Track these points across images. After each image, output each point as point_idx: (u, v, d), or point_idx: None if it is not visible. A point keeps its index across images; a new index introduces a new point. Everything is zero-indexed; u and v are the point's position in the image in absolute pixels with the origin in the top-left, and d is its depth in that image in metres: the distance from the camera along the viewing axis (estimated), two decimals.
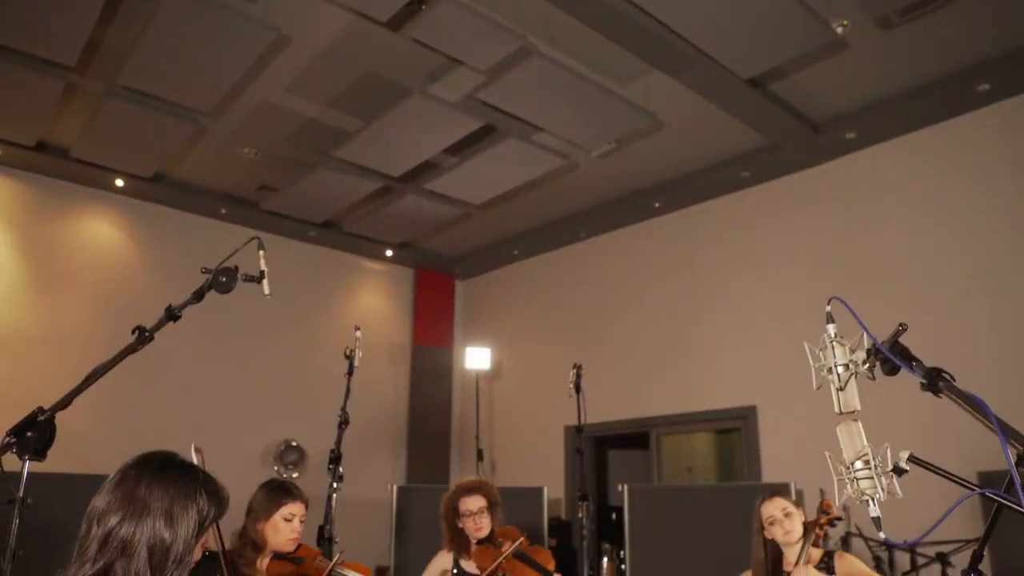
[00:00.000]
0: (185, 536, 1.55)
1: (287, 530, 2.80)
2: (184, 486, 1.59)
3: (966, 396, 1.36)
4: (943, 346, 5.58)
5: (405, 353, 9.25)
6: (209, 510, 1.61)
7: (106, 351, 7.73)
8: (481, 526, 3.56)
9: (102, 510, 1.54)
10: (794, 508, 3.15)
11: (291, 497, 2.84)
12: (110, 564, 1.49)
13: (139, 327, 2.16)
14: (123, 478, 1.59)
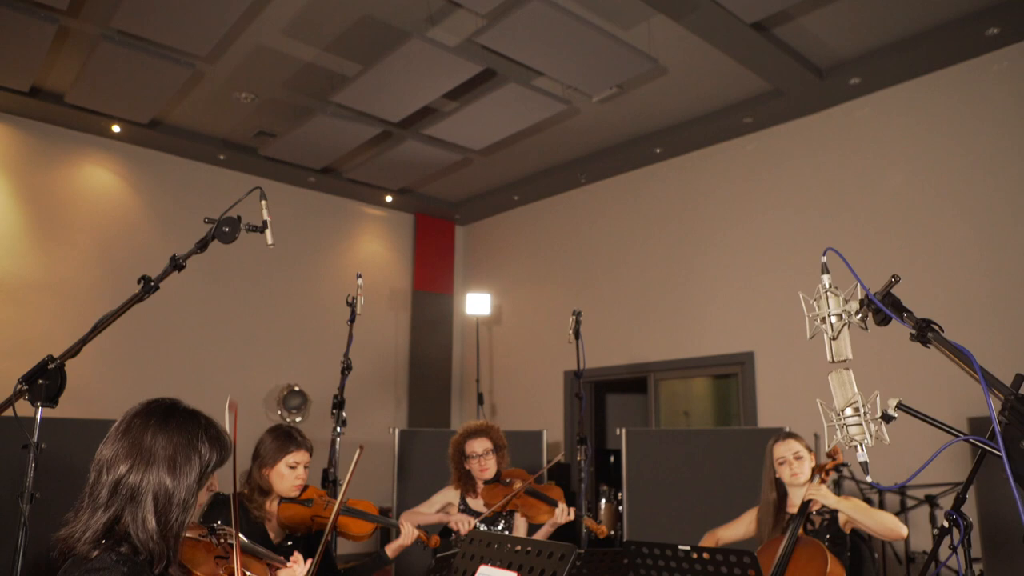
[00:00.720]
0: (188, 483, 1.60)
1: (291, 477, 2.87)
2: (187, 434, 1.63)
3: (953, 347, 1.39)
4: (939, 297, 5.64)
5: (405, 299, 9.31)
6: (211, 456, 1.66)
7: (107, 297, 7.86)
8: (487, 467, 3.67)
9: (110, 459, 1.59)
10: (806, 452, 3.22)
11: (295, 445, 2.90)
12: (120, 511, 1.55)
13: (144, 277, 2.18)
14: (128, 427, 1.63)
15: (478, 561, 2.03)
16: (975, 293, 5.57)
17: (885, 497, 5.69)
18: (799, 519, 3.05)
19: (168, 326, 7.27)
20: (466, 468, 3.71)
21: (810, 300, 1.79)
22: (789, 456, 3.21)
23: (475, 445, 3.69)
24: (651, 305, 7.70)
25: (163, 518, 1.57)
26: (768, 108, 6.60)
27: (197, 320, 7.57)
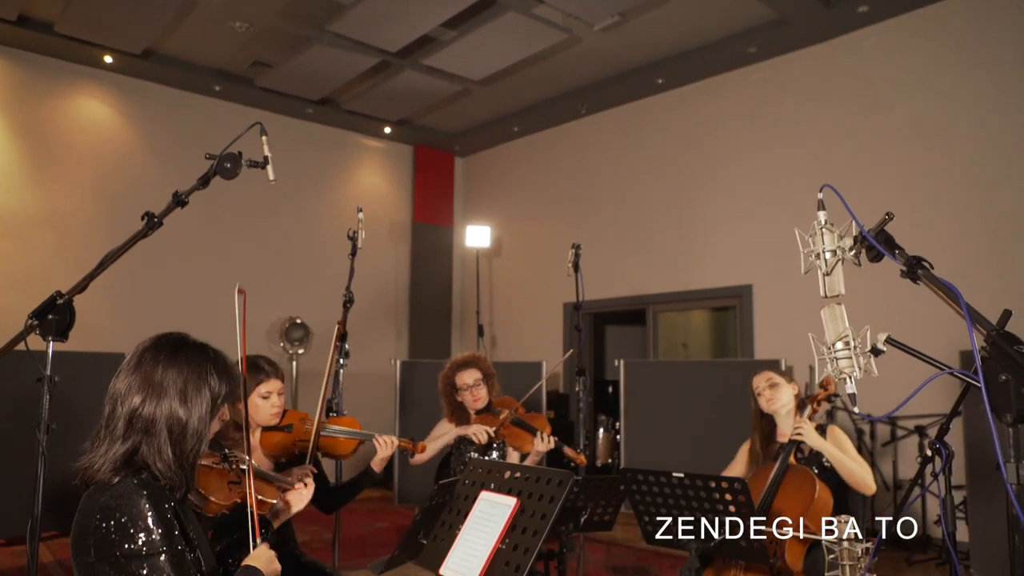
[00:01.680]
0: (200, 414, 1.67)
1: (266, 407, 2.85)
2: (197, 367, 1.69)
3: (941, 284, 1.43)
4: (940, 234, 5.65)
5: (405, 231, 9.32)
6: (221, 388, 1.72)
7: (107, 231, 7.86)
8: (479, 397, 3.74)
9: (124, 392, 1.65)
10: (780, 379, 3.30)
11: (265, 375, 2.85)
12: (138, 442, 1.62)
13: (148, 213, 2.20)
14: (140, 360, 1.68)
15: (479, 488, 2.11)
16: (978, 230, 5.59)
17: (876, 428, 5.83)
18: (789, 449, 3.14)
19: (171, 261, 7.31)
20: (458, 400, 3.77)
21: (805, 236, 1.82)
22: (763, 385, 3.29)
23: (465, 376, 3.74)
24: (651, 238, 7.71)
25: (178, 448, 1.63)
26: (773, 37, 6.48)
27: (200, 254, 7.60)
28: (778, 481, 3.07)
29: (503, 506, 1.97)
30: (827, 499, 3.00)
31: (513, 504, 1.95)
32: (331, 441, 3.02)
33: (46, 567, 4.93)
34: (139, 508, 1.52)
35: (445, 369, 3.84)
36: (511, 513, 1.93)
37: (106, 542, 1.50)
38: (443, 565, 1.99)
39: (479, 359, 3.84)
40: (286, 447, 2.90)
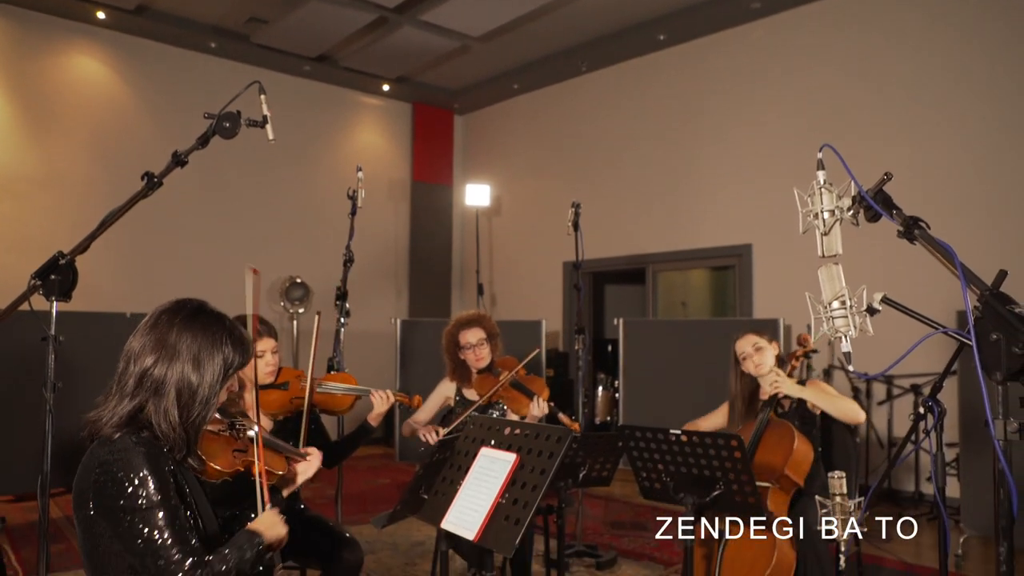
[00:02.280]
0: (211, 381, 1.68)
1: (260, 366, 2.89)
2: (212, 334, 1.70)
3: (937, 244, 1.44)
4: (945, 193, 5.64)
5: (404, 189, 9.29)
6: (234, 358, 1.72)
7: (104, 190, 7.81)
8: (481, 356, 3.72)
9: (138, 351, 1.67)
10: (765, 342, 3.34)
11: (256, 334, 2.84)
12: (145, 401, 1.64)
13: (148, 173, 2.20)
14: (156, 322, 1.70)
15: (479, 444, 2.15)
16: (979, 191, 5.57)
17: (872, 387, 5.89)
18: (769, 405, 3.21)
19: (171, 221, 7.29)
20: (460, 358, 3.76)
21: (804, 196, 1.83)
22: (749, 349, 3.33)
23: (468, 335, 3.72)
24: (651, 197, 7.69)
25: (185, 412, 1.65)
26: None
27: (199, 214, 7.59)
28: (759, 435, 3.15)
29: (503, 462, 2.01)
30: (806, 451, 3.08)
31: (513, 460, 1.98)
32: (328, 397, 3.06)
33: (55, 522, 5.02)
34: (136, 464, 1.55)
35: (449, 326, 3.82)
36: (511, 468, 1.97)
37: (103, 495, 1.54)
38: (444, 519, 2.04)
39: (484, 318, 3.81)
40: (284, 404, 2.94)
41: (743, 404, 3.39)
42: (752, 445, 3.13)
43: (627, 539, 4.95)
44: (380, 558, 4.43)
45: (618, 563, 4.41)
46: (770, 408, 3.21)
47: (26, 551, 4.38)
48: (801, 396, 3.18)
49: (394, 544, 4.74)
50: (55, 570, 3.99)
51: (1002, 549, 1.28)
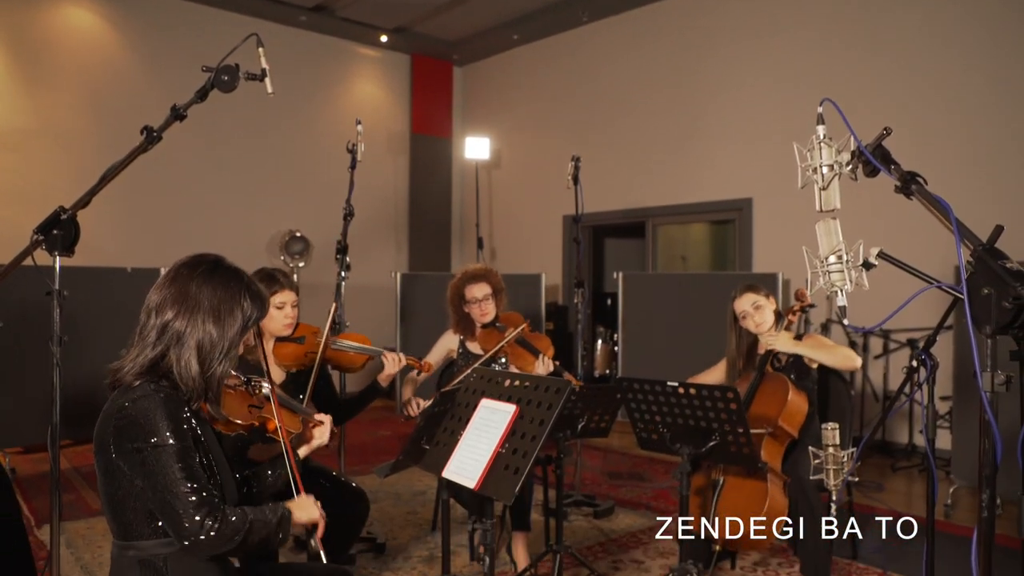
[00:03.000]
0: (231, 334, 1.72)
1: (280, 317, 2.95)
2: (231, 288, 1.73)
3: (933, 199, 1.45)
4: (948, 149, 5.61)
5: (403, 142, 9.23)
6: (252, 312, 1.76)
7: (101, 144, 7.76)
8: (486, 312, 3.74)
9: (158, 304, 1.70)
10: (764, 300, 3.36)
11: (279, 286, 2.94)
12: (166, 350, 1.68)
13: (147, 127, 2.19)
14: (176, 275, 1.73)
15: (479, 395, 2.19)
16: (981, 145, 5.54)
17: (869, 341, 5.94)
18: (765, 358, 3.26)
19: (170, 175, 7.26)
20: (465, 311, 3.77)
21: (803, 150, 1.83)
22: (749, 308, 3.35)
23: (475, 290, 3.72)
24: (651, 150, 7.65)
25: (205, 363, 1.69)
26: None
27: (199, 168, 7.55)
28: (754, 389, 3.21)
29: (503, 412, 2.05)
30: (800, 404, 3.13)
31: (513, 411, 2.02)
32: (341, 355, 3.11)
33: (64, 473, 5.12)
34: (153, 409, 1.59)
35: (456, 279, 3.81)
36: (511, 419, 2.01)
37: (122, 439, 1.59)
38: (445, 468, 2.09)
39: (490, 273, 3.79)
40: (298, 358, 2.99)
41: (742, 359, 3.43)
42: (748, 397, 3.18)
43: (625, 489, 5.05)
44: (383, 507, 4.53)
45: (615, 512, 4.51)
46: (767, 362, 3.26)
47: (36, 501, 4.47)
48: (796, 352, 3.21)
49: (396, 494, 4.83)
50: (66, 519, 4.08)
51: (984, 496, 1.32)
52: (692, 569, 2.87)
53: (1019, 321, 1.24)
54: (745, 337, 3.43)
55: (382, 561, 3.69)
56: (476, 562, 3.64)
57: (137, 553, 1.63)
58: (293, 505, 1.78)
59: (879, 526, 3.86)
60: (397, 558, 3.74)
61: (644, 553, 3.82)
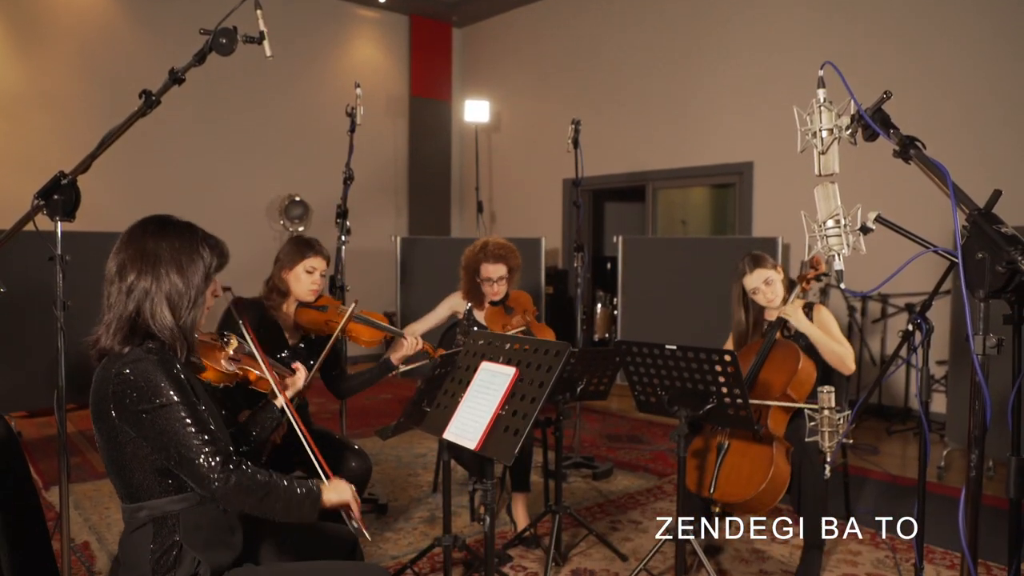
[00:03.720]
0: (196, 282, 1.73)
1: (308, 281, 3.03)
2: (186, 239, 1.75)
3: (931, 163, 1.45)
4: (953, 114, 5.56)
5: (403, 105, 9.16)
6: (212, 260, 1.78)
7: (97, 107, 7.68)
8: (498, 292, 3.73)
9: (118, 268, 1.71)
10: (774, 273, 3.34)
11: (314, 252, 3.04)
12: (138, 308, 1.69)
13: (145, 91, 2.18)
14: (130, 238, 1.73)
15: (480, 358, 2.21)
16: (984, 110, 5.50)
17: (868, 306, 5.96)
18: (776, 325, 3.26)
19: (169, 139, 7.23)
20: (476, 282, 3.76)
21: (804, 114, 1.83)
22: (760, 284, 3.34)
23: (491, 270, 3.68)
24: (652, 113, 7.59)
25: (176, 313, 1.71)
26: None
27: (198, 132, 7.51)
28: (765, 354, 3.20)
29: (503, 375, 2.07)
30: (810, 371, 3.14)
31: (512, 373, 2.05)
32: (360, 328, 3.14)
33: (70, 436, 5.18)
34: (150, 371, 1.62)
35: (475, 250, 3.75)
36: (511, 381, 2.03)
37: (123, 403, 1.61)
38: (446, 430, 2.12)
39: (511, 255, 3.73)
40: (318, 324, 3.05)
41: (750, 327, 3.43)
42: (757, 364, 3.19)
43: (623, 451, 5.11)
44: (384, 470, 4.59)
45: (614, 474, 4.57)
46: (777, 328, 3.25)
47: (43, 464, 4.53)
48: (807, 332, 3.21)
49: (398, 457, 4.90)
50: (72, 481, 4.14)
51: (973, 456, 1.35)
52: (691, 534, 2.92)
53: (1012, 285, 1.26)
54: (753, 310, 3.43)
55: (384, 522, 3.75)
56: (476, 522, 3.71)
57: (149, 512, 1.66)
58: (326, 487, 1.80)
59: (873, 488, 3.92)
60: (399, 519, 3.80)
61: (642, 514, 3.89)
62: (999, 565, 3.18)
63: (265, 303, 3.04)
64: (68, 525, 2.50)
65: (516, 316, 3.75)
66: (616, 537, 3.54)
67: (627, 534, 3.60)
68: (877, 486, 4.36)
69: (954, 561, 3.30)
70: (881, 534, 3.58)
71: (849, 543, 3.49)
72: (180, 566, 1.65)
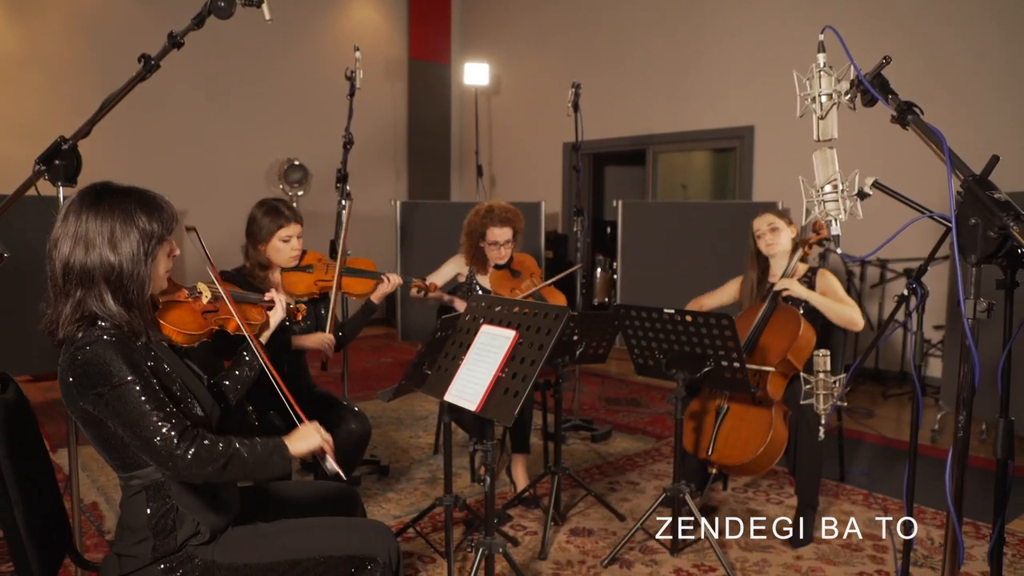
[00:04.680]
0: (131, 255, 1.65)
1: (287, 250, 3.00)
2: (121, 211, 1.66)
3: (928, 129, 1.46)
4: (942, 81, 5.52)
5: (402, 68, 9.07)
6: (152, 226, 1.68)
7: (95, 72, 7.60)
8: (504, 255, 3.73)
9: (54, 246, 1.66)
10: (782, 223, 3.37)
11: (285, 220, 2.97)
12: (83, 295, 1.64)
13: (144, 55, 2.17)
14: (67, 214, 1.67)
15: (480, 321, 2.24)
16: (989, 75, 5.46)
17: (866, 271, 5.98)
18: (777, 292, 3.28)
19: (169, 104, 7.17)
20: (480, 246, 3.75)
21: (803, 79, 1.83)
22: (764, 228, 3.37)
23: (497, 234, 3.67)
24: (653, 77, 7.53)
25: (119, 294, 1.65)
26: None
27: (197, 97, 7.45)
28: (765, 319, 3.23)
29: (503, 338, 2.10)
30: (810, 337, 3.17)
31: (512, 336, 2.08)
32: (351, 281, 3.16)
33: None
34: (102, 353, 1.58)
35: (481, 213, 3.74)
36: (511, 344, 2.06)
37: (83, 386, 1.59)
38: (447, 392, 2.15)
39: (517, 218, 3.72)
40: (308, 286, 3.06)
41: (753, 284, 3.46)
42: (758, 328, 3.22)
43: (622, 414, 5.18)
44: (386, 432, 4.66)
45: (612, 436, 4.64)
46: (778, 294, 3.28)
47: (49, 427, 4.59)
48: (808, 300, 3.23)
49: (399, 419, 4.96)
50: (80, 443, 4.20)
51: (961, 417, 1.38)
52: (685, 490, 2.98)
53: (1003, 251, 1.27)
54: (760, 259, 3.45)
55: (386, 483, 3.82)
56: (477, 483, 3.77)
57: (141, 481, 1.68)
58: (290, 439, 1.77)
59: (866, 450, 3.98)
60: (400, 480, 3.87)
61: (640, 475, 3.95)
62: (987, 524, 3.24)
63: (249, 278, 3.02)
64: (78, 485, 2.55)
65: (525, 280, 3.76)
66: (614, 498, 3.61)
67: (625, 495, 3.67)
68: (871, 449, 4.42)
69: (944, 521, 3.36)
70: (873, 495, 3.64)
71: (842, 503, 3.55)
72: (181, 527, 1.68)
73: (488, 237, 3.70)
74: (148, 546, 1.67)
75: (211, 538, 1.72)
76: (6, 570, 2.76)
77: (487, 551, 2.24)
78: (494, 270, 3.79)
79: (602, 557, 2.97)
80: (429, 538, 3.06)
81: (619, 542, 3.01)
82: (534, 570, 2.88)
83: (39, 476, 1.77)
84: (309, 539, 1.79)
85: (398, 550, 1.87)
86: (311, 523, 1.86)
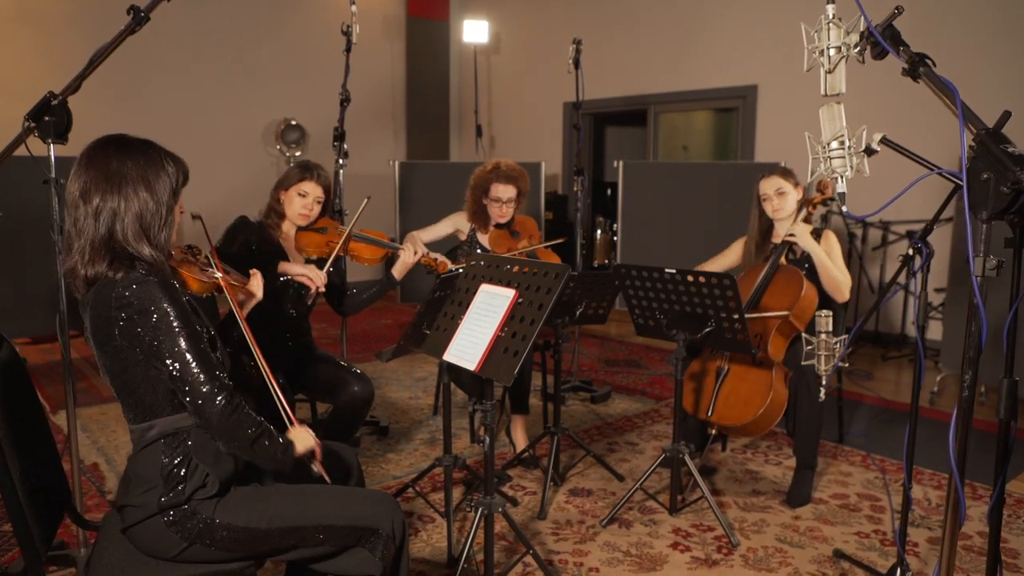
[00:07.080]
0: (165, 198, 1.69)
1: (299, 204, 3.04)
2: (149, 155, 1.70)
3: (940, 82, 1.42)
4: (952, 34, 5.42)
5: (400, 26, 8.91)
6: (177, 174, 1.73)
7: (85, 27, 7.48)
8: (505, 214, 3.69)
9: (81, 191, 1.65)
10: (789, 187, 3.31)
11: (309, 175, 3.05)
12: (109, 236, 1.64)
13: (133, 7, 2.11)
14: (90, 160, 1.67)
15: (479, 281, 2.21)
16: (997, 29, 5.36)
17: (869, 233, 5.94)
18: (781, 249, 3.25)
19: (162, 63, 7.05)
20: (483, 204, 3.71)
21: (811, 31, 1.78)
22: (771, 192, 3.32)
23: (501, 191, 3.64)
24: (655, 35, 7.40)
25: (149, 232, 1.68)
26: None
27: (190, 55, 7.32)
28: (768, 279, 3.20)
29: (503, 297, 2.07)
30: (813, 297, 3.14)
31: (512, 295, 2.05)
32: (361, 247, 3.15)
33: (73, 361, 5.23)
34: (154, 294, 1.59)
35: (486, 170, 3.71)
36: (510, 303, 2.04)
37: (129, 325, 1.59)
38: (446, 352, 2.13)
39: (522, 177, 3.70)
40: (319, 246, 3.10)
41: (756, 245, 3.43)
42: (761, 288, 3.19)
43: (621, 375, 5.18)
44: (385, 393, 4.66)
45: (612, 397, 4.64)
46: (782, 252, 3.25)
47: (49, 389, 4.59)
48: (813, 251, 3.19)
49: (399, 380, 4.96)
50: (79, 405, 4.21)
51: (967, 376, 1.36)
52: (684, 450, 2.99)
53: (1015, 207, 1.24)
54: (764, 220, 3.41)
55: (386, 443, 3.83)
56: (476, 444, 3.78)
57: (160, 430, 1.67)
58: (294, 437, 1.81)
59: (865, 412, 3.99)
60: (400, 440, 3.88)
61: (639, 436, 3.96)
62: (984, 485, 3.26)
63: (265, 222, 3.07)
64: (76, 446, 2.55)
65: (522, 240, 3.75)
66: (613, 458, 3.62)
67: (624, 455, 3.68)
68: (870, 410, 4.43)
69: (941, 482, 3.38)
70: (871, 456, 3.65)
71: (840, 464, 3.57)
72: (190, 479, 1.68)
73: (491, 193, 3.66)
74: (156, 495, 1.65)
75: (216, 492, 1.71)
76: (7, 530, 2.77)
77: (487, 511, 2.24)
78: (494, 229, 3.76)
79: (601, 517, 2.98)
80: (429, 498, 3.08)
81: (618, 502, 3.03)
82: (533, 530, 2.90)
83: (35, 436, 1.76)
84: (310, 506, 1.78)
85: (403, 522, 1.86)
86: (314, 489, 1.85)
